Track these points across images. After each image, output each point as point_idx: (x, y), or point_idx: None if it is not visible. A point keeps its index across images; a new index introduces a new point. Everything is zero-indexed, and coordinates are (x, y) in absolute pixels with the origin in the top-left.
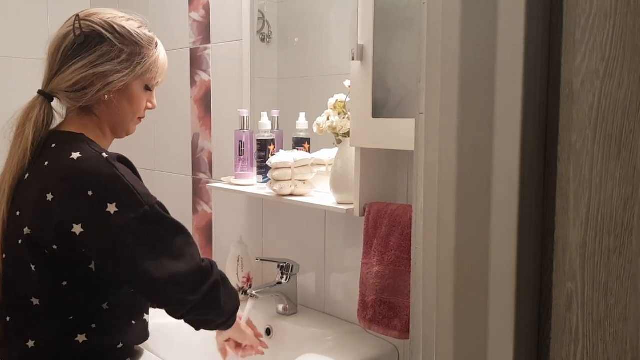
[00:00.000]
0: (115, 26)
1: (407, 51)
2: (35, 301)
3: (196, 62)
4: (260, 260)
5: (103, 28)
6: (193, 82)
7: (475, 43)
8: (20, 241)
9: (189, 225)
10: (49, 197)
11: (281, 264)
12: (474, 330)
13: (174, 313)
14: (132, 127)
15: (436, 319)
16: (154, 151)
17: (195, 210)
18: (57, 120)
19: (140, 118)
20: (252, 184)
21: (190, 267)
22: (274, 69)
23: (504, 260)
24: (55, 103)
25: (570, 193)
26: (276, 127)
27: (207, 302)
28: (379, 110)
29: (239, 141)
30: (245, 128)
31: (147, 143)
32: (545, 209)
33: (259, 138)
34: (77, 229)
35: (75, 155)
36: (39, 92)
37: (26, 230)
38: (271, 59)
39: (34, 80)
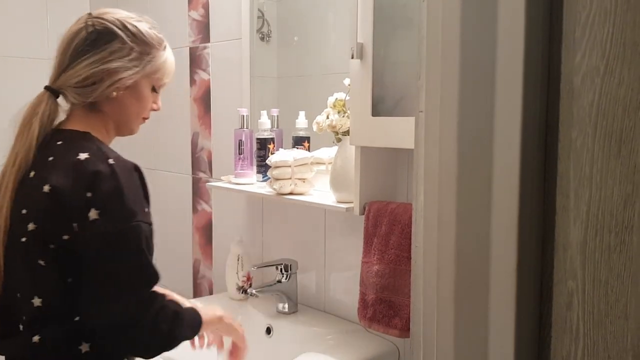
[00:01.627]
0: (127, 25)
1: (406, 49)
2: (37, 301)
3: (195, 61)
4: (257, 267)
5: (115, 25)
6: (192, 81)
7: (475, 41)
8: (24, 239)
9: (188, 225)
10: (46, 188)
11: (278, 266)
12: (475, 329)
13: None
14: (136, 126)
15: (436, 317)
16: (154, 150)
17: (195, 210)
18: (61, 117)
19: (144, 118)
20: (251, 182)
21: (125, 313)
22: (273, 68)
23: (505, 258)
24: (60, 100)
25: (570, 191)
26: (276, 126)
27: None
28: (378, 109)
29: (239, 140)
30: (245, 127)
31: (147, 142)
32: (546, 207)
33: (259, 137)
34: (75, 227)
35: (83, 155)
36: (46, 87)
37: (31, 226)
38: (271, 57)
39: (33, 79)
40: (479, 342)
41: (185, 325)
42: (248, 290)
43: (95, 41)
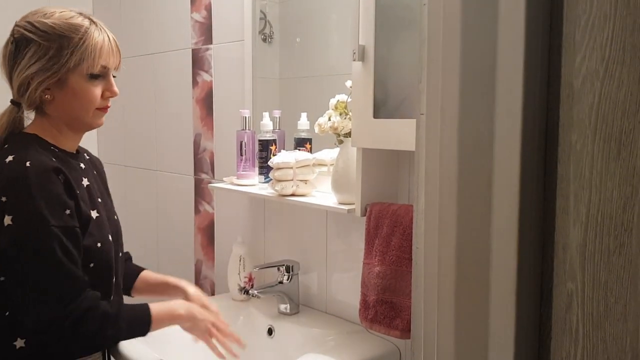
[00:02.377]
0: (37, 24)
1: (408, 52)
2: None
3: (198, 62)
4: (259, 269)
5: (27, 30)
6: (195, 83)
7: (476, 44)
8: None
9: (190, 226)
10: None
11: (280, 267)
12: (475, 330)
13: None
14: (92, 120)
15: (437, 318)
16: (156, 151)
17: (197, 211)
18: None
19: (100, 109)
20: (253, 184)
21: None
22: (275, 69)
23: (505, 260)
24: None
25: (570, 193)
26: (278, 128)
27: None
28: (380, 111)
29: (241, 141)
30: (247, 128)
31: (149, 143)
32: (546, 210)
33: (261, 138)
34: None
35: (9, 158)
36: (11, 100)
37: None
38: (273, 59)
39: None
40: (480, 344)
41: (122, 325)
42: (250, 291)
43: (16, 51)
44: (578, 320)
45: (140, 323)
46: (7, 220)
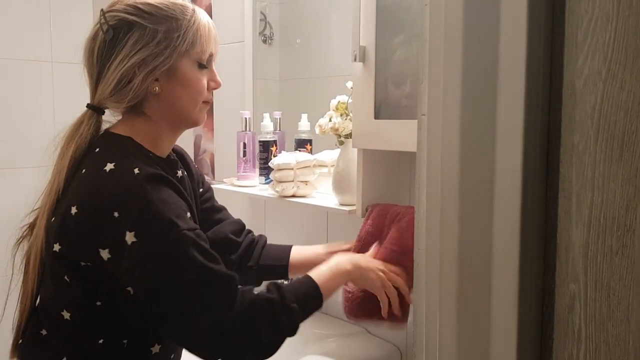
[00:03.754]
0: (141, 6)
1: (409, 52)
2: (67, 315)
3: None
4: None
5: (128, 13)
6: None
7: (478, 45)
8: (53, 253)
9: None
10: (73, 210)
11: None
12: (477, 331)
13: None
14: (198, 114)
15: (439, 319)
16: None
17: None
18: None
19: (206, 102)
20: (254, 185)
21: (210, 324)
22: (276, 71)
23: (507, 261)
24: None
25: (572, 194)
26: (278, 129)
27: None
28: (381, 112)
29: (241, 142)
30: (248, 129)
31: None
32: (548, 210)
33: (262, 139)
34: (104, 254)
35: (109, 166)
36: (88, 105)
37: (56, 246)
38: (273, 60)
39: (39, 82)
40: (481, 345)
41: (292, 306)
42: None
43: (113, 39)
44: (580, 322)
45: (310, 297)
46: (130, 237)
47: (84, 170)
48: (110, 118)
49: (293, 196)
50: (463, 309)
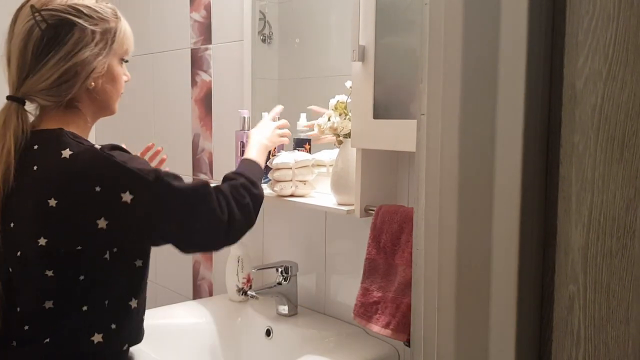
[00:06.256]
0: (81, 8)
1: (408, 52)
2: (49, 304)
3: (197, 62)
4: (257, 270)
5: (69, 14)
6: (194, 83)
7: (478, 44)
8: (20, 253)
9: None
10: (52, 202)
11: (279, 268)
12: (476, 332)
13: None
14: (116, 106)
15: (437, 320)
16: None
17: None
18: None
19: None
20: None
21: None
22: (274, 70)
23: (506, 262)
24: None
25: (572, 195)
26: None
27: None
28: (380, 111)
29: (240, 141)
30: (246, 129)
31: (147, 143)
32: (547, 211)
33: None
34: (102, 223)
35: (67, 152)
36: (10, 97)
37: (41, 241)
38: (272, 59)
39: None
40: (480, 346)
41: (248, 185)
42: (248, 292)
43: (54, 37)
44: (580, 323)
45: (251, 169)
46: (126, 197)
47: (35, 167)
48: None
49: (291, 196)
50: (461, 309)
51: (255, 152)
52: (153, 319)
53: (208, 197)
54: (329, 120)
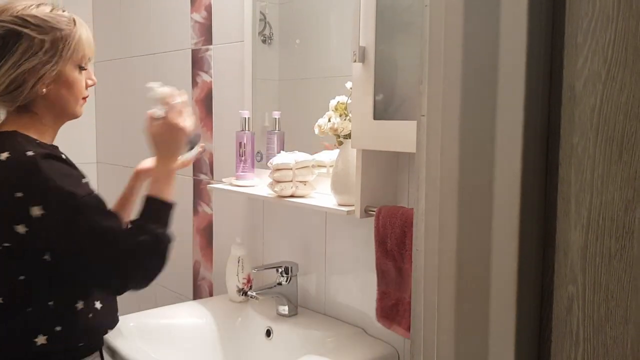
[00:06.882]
0: (28, 18)
1: (409, 53)
2: None
3: (198, 63)
4: (257, 270)
5: (16, 24)
6: (194, 83)
7: (478, 45)
8: None
9: (189, 227)
10: None
11: (279, 268)
12: (475, 333)
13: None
14: (78, 109)
15: (437, 321)
16: None
17: (195, 211)
18: None
19: (84, 98)
20: (252, 185)
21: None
22: (275, 71)
23: (505, 262)
24: None
25: (571, 196)
26: (277, 129)
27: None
28: (380, 112)
29: (240, 142)
30: (247, 129)
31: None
32: (547, 212)
33: None
34: (20, 229)
35: (4, 155)
36: None
37: None
38: (272, 60)
39: None
40: (480, 347)
41: (150, 225)
42: (248, 293)
43: (3, 47)
44: (579, 324)
45: (159, 211)
46: (36, 211)
47: None
48: None
49: (291, 196)
50: (461, 310)
51: (160, 186)
52: (153, 319)
53: (114, 246)
54: (329, 121)
